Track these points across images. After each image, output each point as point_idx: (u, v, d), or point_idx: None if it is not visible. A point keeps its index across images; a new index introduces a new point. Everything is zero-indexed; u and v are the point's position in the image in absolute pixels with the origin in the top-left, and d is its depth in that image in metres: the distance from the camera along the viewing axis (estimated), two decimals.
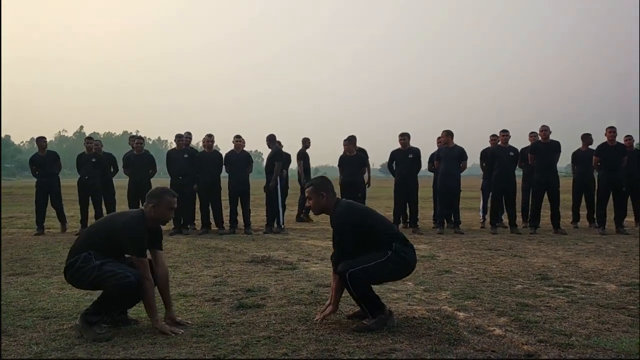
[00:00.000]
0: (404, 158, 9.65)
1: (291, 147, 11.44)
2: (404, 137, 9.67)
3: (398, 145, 9.78)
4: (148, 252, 3.67)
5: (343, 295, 3.74)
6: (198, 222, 9.90)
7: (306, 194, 3.89)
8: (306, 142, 11.82)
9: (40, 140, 10.04)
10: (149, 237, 3.67)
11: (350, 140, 9.64)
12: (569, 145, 10.09)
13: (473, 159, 11.12)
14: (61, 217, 9.99)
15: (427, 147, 10.45)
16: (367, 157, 10.11)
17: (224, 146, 10.10)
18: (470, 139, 10.10)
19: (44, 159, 9.91)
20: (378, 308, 3.58)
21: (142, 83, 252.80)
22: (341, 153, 9.77)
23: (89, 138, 10.43)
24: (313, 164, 14.17)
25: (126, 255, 3.62)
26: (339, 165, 9.82)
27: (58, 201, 9.94)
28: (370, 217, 3.78)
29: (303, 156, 11.57)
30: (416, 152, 9.72)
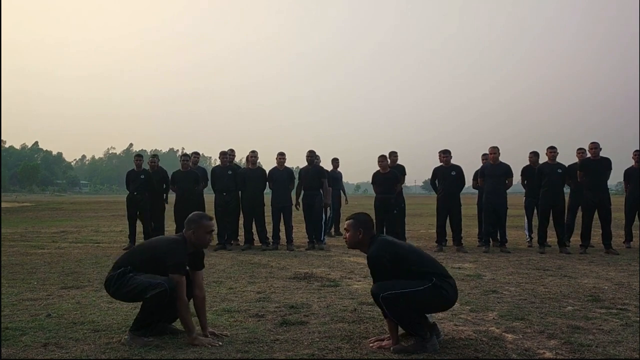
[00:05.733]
0: (447, 175, 9.56)
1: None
2: (445, 155, 9.60)
3: (440, 163, 9.71)
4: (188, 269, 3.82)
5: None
6: (241, 237, 10.02)
7: (345, 226, 3.84)
8: (335, 163, 12.35)
9: (185, 158, 10.14)
10: (191, 259, 3.84)
11: (384, 158, 9.67)
12: (620, 162, 9.77)
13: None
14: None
15: (466, 164, 10.33)
16: (402, 174, 10.18)
17: (268, 164, 10.32)
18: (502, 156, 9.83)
19: (183, 175, 9.97)
20: (419, 328, 3.47)
21: (193, 105, 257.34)
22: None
23: (139, 155, 10.69)
24: (353, 181, 14.71)
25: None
26: (372, 183, 9.88)
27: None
28: (407, 251, 3.68)
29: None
30: (459, 170, 9.61)
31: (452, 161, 9.70)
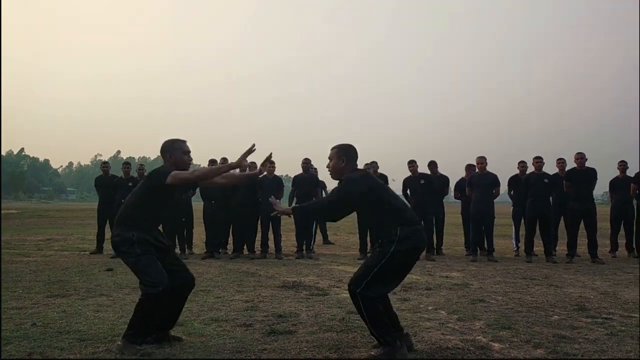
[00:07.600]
0: (416, 184, 9.69)
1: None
2: (411, 165, 9.77)
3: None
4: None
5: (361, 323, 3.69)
6: (230, 246, 9.98)
7: (328, 156, 3.82)
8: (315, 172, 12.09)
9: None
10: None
11: (373, 165, 9.72)
12: (605, 172, 9.91)
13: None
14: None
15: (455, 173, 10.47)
16: (446, 184, 10.25)
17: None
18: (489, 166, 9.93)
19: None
20: (389, 336, 3.45)
21: (181, 110, 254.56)
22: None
23: (126, 163, 10.67)
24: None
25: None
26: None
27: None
28: (384, 187, 3.71)
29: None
30: (427, 178, 9.79)
31: (440, 170, 9.81)
